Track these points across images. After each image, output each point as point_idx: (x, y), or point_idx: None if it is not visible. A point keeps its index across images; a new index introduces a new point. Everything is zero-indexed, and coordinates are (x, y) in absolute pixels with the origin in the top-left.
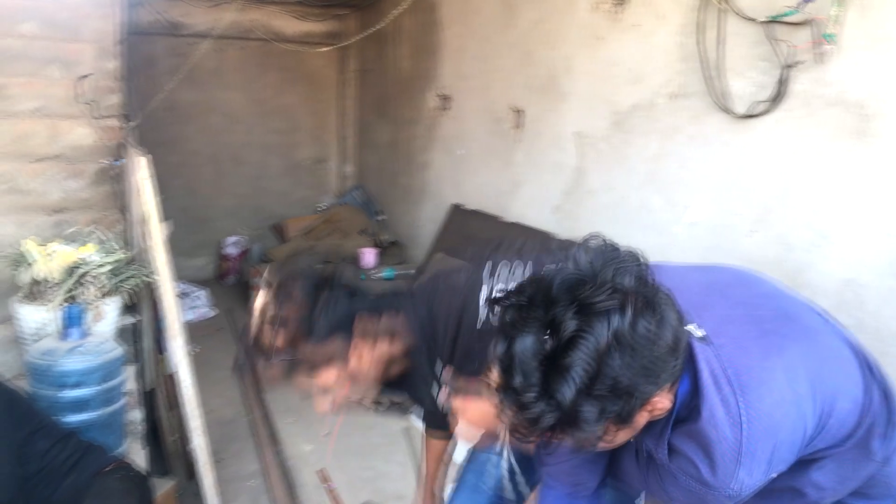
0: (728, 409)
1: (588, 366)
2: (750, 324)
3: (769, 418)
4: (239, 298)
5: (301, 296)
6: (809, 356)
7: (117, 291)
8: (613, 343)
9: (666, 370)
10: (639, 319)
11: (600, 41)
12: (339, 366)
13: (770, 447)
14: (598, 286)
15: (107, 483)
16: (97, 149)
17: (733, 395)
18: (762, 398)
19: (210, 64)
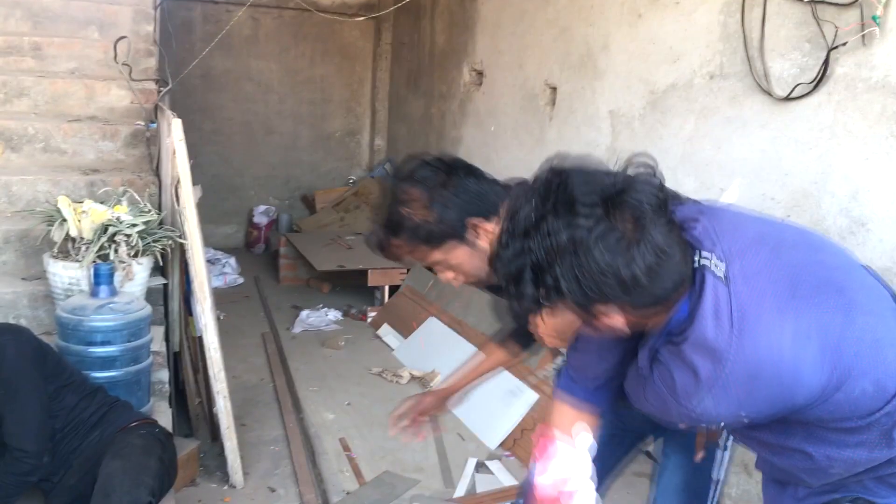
0: (718, 341)
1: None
2: (784, 284)
3: (756, 364)
4: (267, 267)
5: (422, 174)
6: (834, 329)
7: (147, 252)
8: (569, 245)
9: (618, 291)
10: (603, 237)
11: (640, 18)
12: (462, 243)
13: (746, 391)
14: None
15: (129, 439)
16: (132, 111)
17: (730, 330)
18: (757, 344)
19: (245, 32)
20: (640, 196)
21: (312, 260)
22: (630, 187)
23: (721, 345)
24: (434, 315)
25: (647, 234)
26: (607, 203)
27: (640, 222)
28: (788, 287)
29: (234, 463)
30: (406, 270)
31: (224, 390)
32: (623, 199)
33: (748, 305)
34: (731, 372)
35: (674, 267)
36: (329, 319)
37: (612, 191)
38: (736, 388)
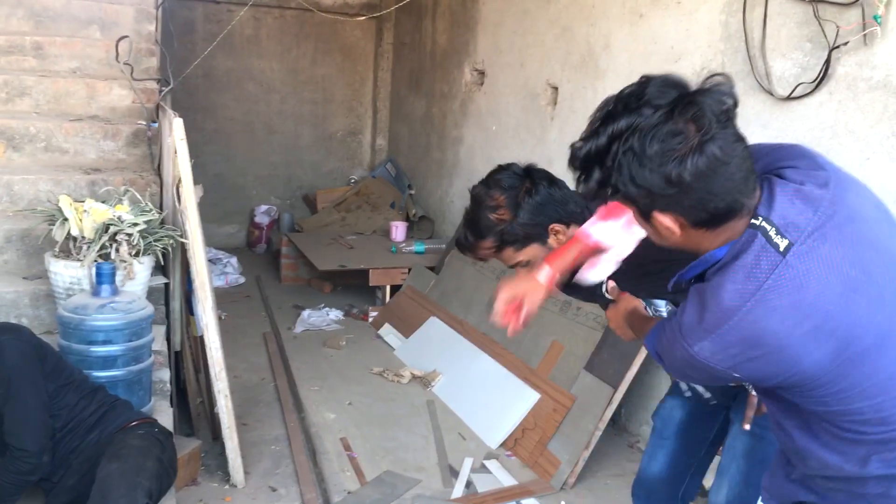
0: (734, 300)
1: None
2: (848, 281)
3: (762, 333)
4: (268, 267)
5: (509, 182)
6: (858, 348)
7: (149, 251)
8: (628, 132)
9: (679, 203)
10: (660, 129)
11: (641, 18)
12: (544, 246)
13: (740, 351)
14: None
15: (127, 439)
16: (133, 110)
17: (758, 289)
18: (772, 315)
19: (247, 32)
20: (707, 101)
21: (314, 259)
22: (700, 93)
23: (735, 304)
24: (435, 315)
25: (705, 138)
26: (675, 103)
27: (700, 124)
28: (848, 285)
29: (235, 462)
30: (407, 270)
31: (225, 389)
32: (689, 101)
33: (786, 282)
34: (736, 327)
35: (729, 183)
36: (330, 319)
37: (682, 94)
38: (734, 346)
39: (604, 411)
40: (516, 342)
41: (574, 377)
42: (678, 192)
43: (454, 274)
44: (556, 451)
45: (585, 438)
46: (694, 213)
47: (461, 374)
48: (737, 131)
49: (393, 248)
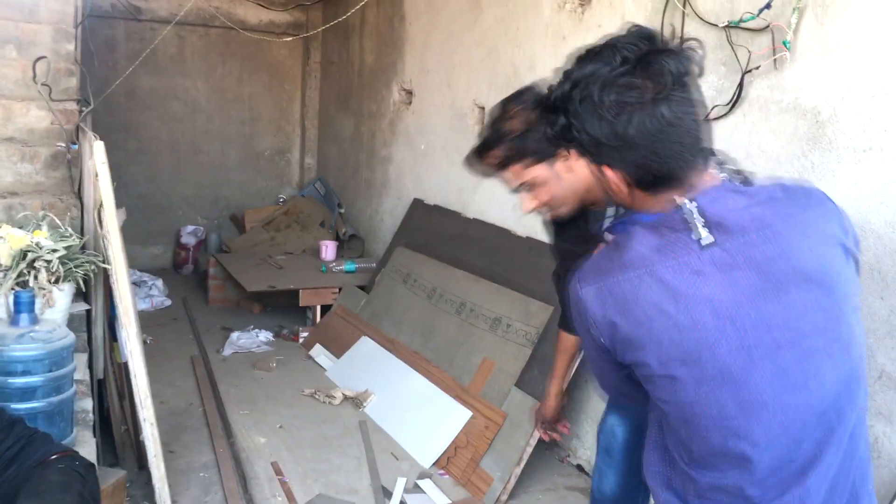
0: (642, 258)
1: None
2: (730, 308)
3: (627, 297)
4: (195, 288)
5: (533, 98)
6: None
7: (69, 278)
8: (589, 79)
9: (618, 155)
10: (617, 81)
11: (564, 41)
12: (551, 168)
13: (613, 308)
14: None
15: (45, 475)
16: (52, 132)
17: (658, 262)
18: (649, 294)
19: (171, 50)
20: (670, 62)
21: (242, 280)
22: (667, 52)
23: (632, 263)
24: (366, 334)
25: (658, 96)
26: (639, 58)
27: (658, 83)
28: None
29: (163, 492)
30: (338, 289)
31: (151, 417)
32: (652, 59)
33: (684, 279)
34: (617, 285)
35: (675, 146)
36: (260, 341)
37: (649, 49)
38: (609, 299)
39: (535, 427)
40: (447, 360)
41: (505, 394)
42: (624, 146)
43: (385, 293)
44: (488, 468)
45: (517, 454)
46: (638, 173)
47: (393, 394)
48: (693, 97)
49: (323, 268)
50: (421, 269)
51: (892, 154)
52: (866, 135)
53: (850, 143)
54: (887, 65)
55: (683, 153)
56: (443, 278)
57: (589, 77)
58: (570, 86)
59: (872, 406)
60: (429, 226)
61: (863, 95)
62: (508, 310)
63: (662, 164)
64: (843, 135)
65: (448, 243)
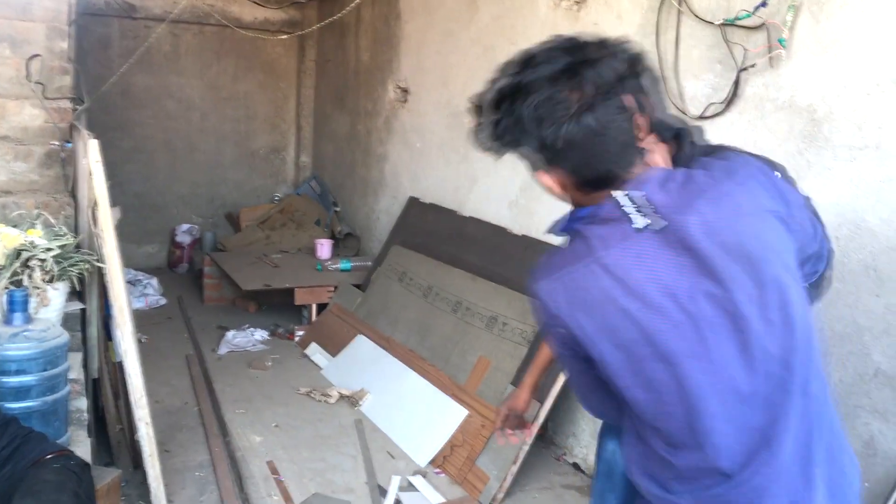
0: (580, 252)
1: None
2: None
3: (578, 287)
4: (191, 287)
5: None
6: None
7: (64, 277)
8: (519, 88)
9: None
10: (544, 91)
11: None
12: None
13: (565, 301)
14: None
15: (41, 474)
16: (46, 130)
17: (585, 261)
18: (596, 282)
19: (165, 48)
20: (591, 73)
21: (238, 279)
22: (591, 62)
23: (570, 258)
24: (362, 333)
25: (582, 108)
26: (564, 69)
27: (582, 93)
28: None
29: (158, 491)
30: (333, 288)
31: (146, 417)
32: (575, 70)
33: (624, 267)
34: (566, 276)
35: (604, 153)
36: (255, 339)
37: (573, 60)
38: (560, 294)
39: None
40: (444, 359)
41: (501, 392)
42: (553, 156)
43: (381, 291)
44: (484, 466)
45: (513, 453)
46: (569, 177)
47: (389, 393)
48: (621, 103)
49: (319, 266)
50: (417, 268)
51: (888, 152)
52: (862, 132)
53: (845, 141)
54: (883, 62)
55: (614, 156)
56: (439, 277)
57: (515, 89)
58: (498, 99)
59: (868, 404)
60: (425, 224)
61: (858, 93)
62: (504, 308)
63: (593, 169)
64: (838, 132)
65: (444, 242)
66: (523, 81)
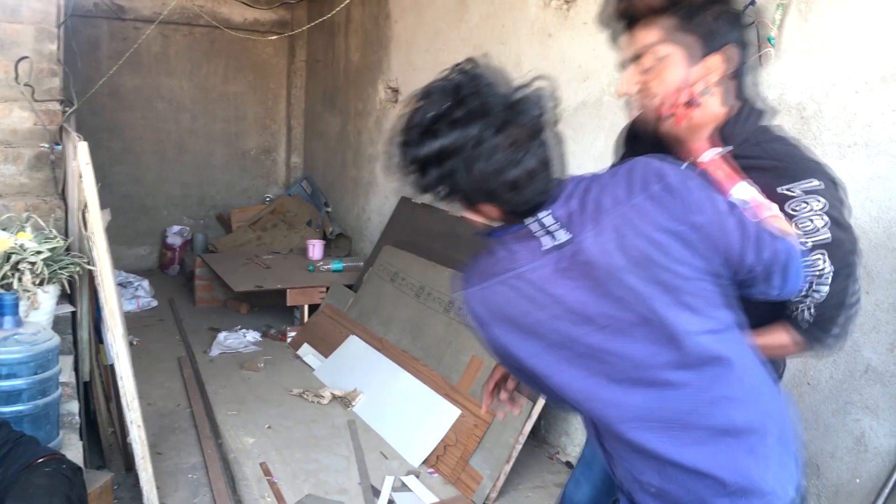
0: (494, 260)
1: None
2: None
3: (498, 301)
4: (182, 289)
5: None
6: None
7: (54, 280)
8: (467, 144)
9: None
10: (490, 145)
11: (550, 38)
12: (689, 63)
13: (485, 309)
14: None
15: (32, 478)
16: (35, 133)
17: (519, 264)
18: (513, 293)
19: (155, 49)
20: (522, 119)
21: (229, 280)
22: (516, 110)
23: (492, 271)
24: (354, 333)
25: (527, 150)
26: (500, 115)
27: (522, 138)
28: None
29: (150, 494)
30: (325, 289)
31: (138, 419)
32: (512, 116)
33: (535, 282)
34: (487, 289)
35: (535, 189)
36: (247, 341)
37: (507, 108)
38: (478, 305)
39: (524, 425)
40: (436, 359)
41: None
42: (493, 196)
43: (373, 292)
44: (477, 466)
45: (506, 452)
46: (507, 207)
47: (382, 393)
48: (543, 140)
49: (310, 267)
50: (409, 268)
51: (876, 149)
52: (851, 130)
53: (834, 139)
54: (871, 60)
55: (541, 189)
56: (430, 276)
57: (466, 144)
58: (438, 154)
59: (859, 400)
60: (416, 224)
61: (847, 91)
62: None
63: (526, 203)
64: (827, 130)
65: (436, 241)
66: (464, 134)
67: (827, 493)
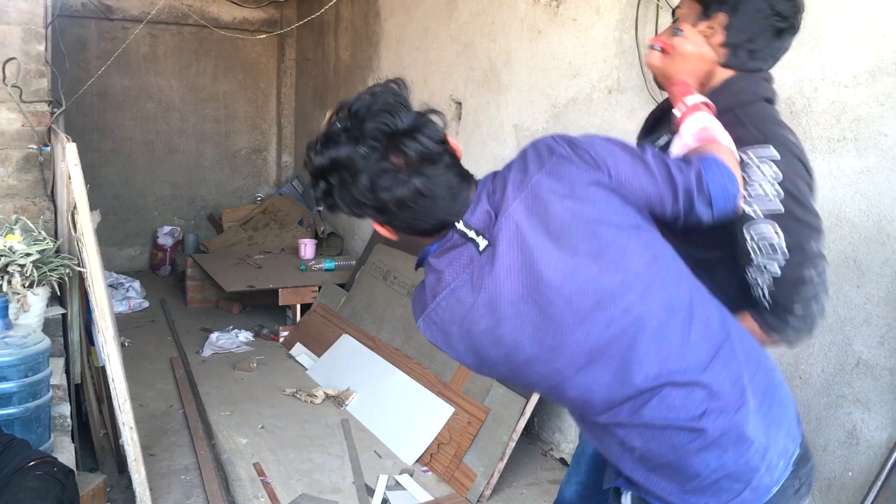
0: (433, 287)
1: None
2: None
3: (444, 320)
4: (173, 290)
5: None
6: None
7: (43, 282)
8: (347, 163)
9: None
10: (373, 166)
11: (539, 34)
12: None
13: (437, 332)
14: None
15: (23, 482)
16: (24, 134)
17: (447, 282)
18: (457, 306)
19: (143, 49)
20: (419, 142)
21: (221, 281)
22: (416, 131)
23: (430, 294)
24: (347, 332)
25: (412, 175)
26: (391, 139)
27: (410, 163)
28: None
29: (143, 496)
30: (317, 288)
31: (130, 421)
32: (402, 141)
33: (476, 288)
34: (430, 320)
35: (433, 209)
36: (240, 341)
37: (399, 130)
38: (432, 330)
39: (517, 422)
40: (429, 357)
41: (487, 389)
42: (386, 216)
43: (365, 290)
44: (471, 463)
45: (500, 450)
46: (405, 229)
47: (375, 392)
48: (447, 162)
49: (302, 267)
50: (401, 266)
51: (866, 143)
52: (840, 125)
53: (824, 133)
54: (860, 55)
55: (443, 209)
56: (422, 275)
57: (344, 160)
58: (330, 163)
59: (850, 394)
60: None
61: (836, 85)
62: None
63: (425, 223)
64: (816, 125)
65: None
66: (355, 153)
67: (820, 486)
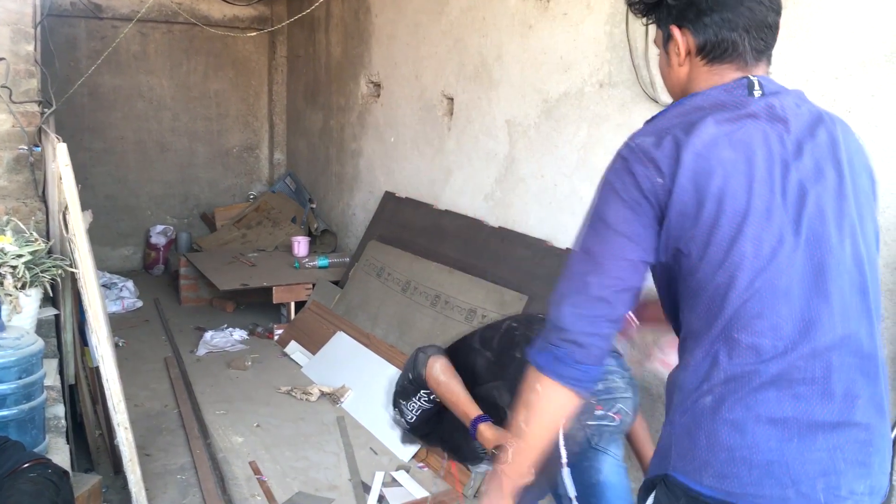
0: (688, 105)
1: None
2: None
3: (692, 141)
4: (167, 289)
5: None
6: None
7: (36, 283)
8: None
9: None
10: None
11: (530, 29)
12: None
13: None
14: None
15: (17, 484)
16: (14, 135)
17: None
18: (709, 132)
19: (134, 48)
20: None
21: (214, 279)
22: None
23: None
24: (342, 329)
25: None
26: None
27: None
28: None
29: (139, 496)
30: (311, 285)
31: (125, 421)
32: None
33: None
34: (671, 138)
35: (739, 18)
36: (234, 339)
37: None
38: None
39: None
40: None
41: None
42: (696, 14)
43: (359, 288)
44: None
45: None
46: (695, 39)
47: (370, 388)
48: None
49: (296, 264)
50: (394, 263)
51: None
52: None
53: None
54: (850, 46)
55: (748, 28)
56: (416, 271)
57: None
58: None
59: None
60: (401, 218)
61: (826, 77)
62: (483, 301)
63: (727, 32)
64: None
65: (421, 236)
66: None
67: None
